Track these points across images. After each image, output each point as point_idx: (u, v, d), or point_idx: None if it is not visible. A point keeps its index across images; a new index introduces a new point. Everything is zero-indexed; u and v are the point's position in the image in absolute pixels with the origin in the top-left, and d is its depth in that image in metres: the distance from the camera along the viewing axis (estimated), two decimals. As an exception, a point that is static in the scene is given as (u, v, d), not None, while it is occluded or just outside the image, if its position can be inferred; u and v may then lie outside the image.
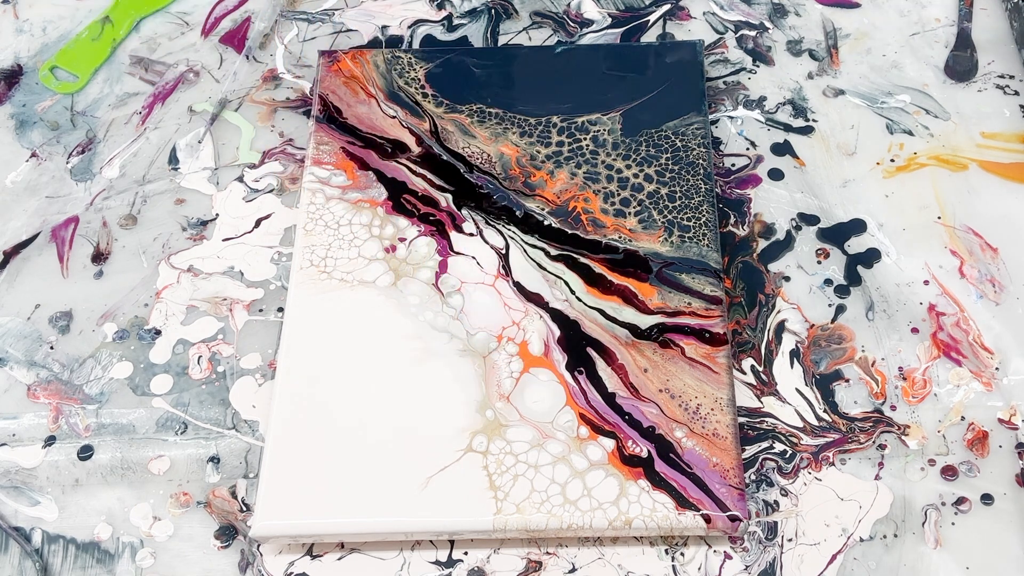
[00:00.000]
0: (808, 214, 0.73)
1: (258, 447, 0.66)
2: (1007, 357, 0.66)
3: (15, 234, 0.76)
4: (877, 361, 0.67)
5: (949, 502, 0.62)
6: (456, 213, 0.72)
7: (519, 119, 0.76)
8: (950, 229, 0.72)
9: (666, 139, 0.74)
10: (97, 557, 0.63)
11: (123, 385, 0.69)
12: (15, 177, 0.80)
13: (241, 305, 0.72)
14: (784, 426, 0.65)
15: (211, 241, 0.75)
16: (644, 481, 0.61)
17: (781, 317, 0.69)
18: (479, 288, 0.69)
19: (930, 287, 0.69)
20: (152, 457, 0.66)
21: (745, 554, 0.61)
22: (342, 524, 0.61)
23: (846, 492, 0.62)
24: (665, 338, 0.66)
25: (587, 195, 0.72)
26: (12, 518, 0.65)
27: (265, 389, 0.68)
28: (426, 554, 0.62)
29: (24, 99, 0.84)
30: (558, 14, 0.85)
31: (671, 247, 0.69)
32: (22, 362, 0.71)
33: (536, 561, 0.61)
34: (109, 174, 0.79)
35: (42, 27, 0.88)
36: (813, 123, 0.77)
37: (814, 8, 0.84)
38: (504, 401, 0.63)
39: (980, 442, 0.64)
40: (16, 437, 0.68)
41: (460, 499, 0.60)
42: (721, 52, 0.82)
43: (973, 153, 0.75)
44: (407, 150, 0.75)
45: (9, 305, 0.73)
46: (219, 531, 0.63)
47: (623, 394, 0.64)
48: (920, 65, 0.80)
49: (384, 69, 0.79)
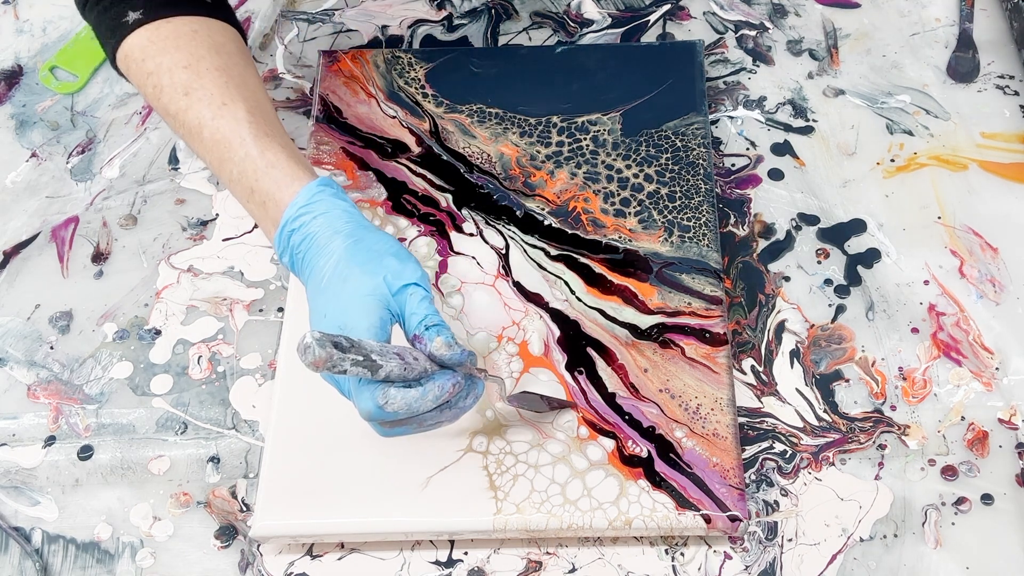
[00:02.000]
0: (808, 214, 0.73)
1: (258, 447, 0.66)
2: (1007, 357, 0.66)
3: (15, 234, 0.76)
4: (877, 361, 0.67)
5: (949, 502, 0.62)
6: (456, 213, 0.72)
7: (519, 119, 0.76)
8: (950, 229, 0.72)
9: (666, 139, 0.74)
10: (97, 557, 0.63)
11: (123, 385, 0.69)
12: (15, 177, 0.80)
13: (241, 305, 0.72)
14: (784, 426, 0.65)
15: (211, 241, 0.75)
16: (644, 481, 0.61)
17: (781, 317, 0.69)
18: (479, 288, 0.69)
19: (930, 287, 0.69)
20: (152, 457, 0.66)
21: (745, 554, 0.61)
22: (342, 524, 0.61)
23: (846, 492, 0.62)
24: (665, 338, 0.66)
25: (587, 195, 0.72)
26: (12, 518, 0.65)
27: (265, 389, 0.68)
28: (426, 554, 0.62)
29: (24, 99, 0.84)
30: (558, 14, 0.85)
31: (671, 247, 0.69)
32: (22, 362, 0.71)
33: (536, 561, 0.61)
34: (109, 174, 0.79)
35: (42, 27, 0.88)
36: (813, 123, 0.77)
37: (814, 8, 0.84)
38: (504, 401, 0.63)
39: (980, 442, 0.64)
40: (16, 437, 0.68)
41: (460, 499, 0.60)
42: (721, 52, 0.82)
43: (973, 153, 0.75)
44: (407, 150, 0.75)
45: (9, 305, 0.73)
46: (219, 531, 0.63)
47: (623, 394, 0.64)
48: (920, 65, 0.80)
49: (384, 69, 0.79)
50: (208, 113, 0.62)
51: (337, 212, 0.59)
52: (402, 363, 0.52)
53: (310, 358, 0.48)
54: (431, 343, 0.54)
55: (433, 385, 0.53)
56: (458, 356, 0.54)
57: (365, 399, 0.53)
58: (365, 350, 0.50)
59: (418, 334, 0.55)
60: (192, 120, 0.63)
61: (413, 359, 0.53)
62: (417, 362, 0.53)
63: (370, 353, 0.50)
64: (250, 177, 0.61)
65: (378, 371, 0.51)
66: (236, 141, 0.62)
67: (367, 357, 0.50)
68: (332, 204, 0.59)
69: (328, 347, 0.49)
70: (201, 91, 0.63)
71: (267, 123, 0.63)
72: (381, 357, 0.51)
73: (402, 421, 0.54)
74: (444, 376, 0.54)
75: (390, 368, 0.51)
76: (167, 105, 0.64)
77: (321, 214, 0.59)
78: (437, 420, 0.55)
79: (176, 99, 0.63)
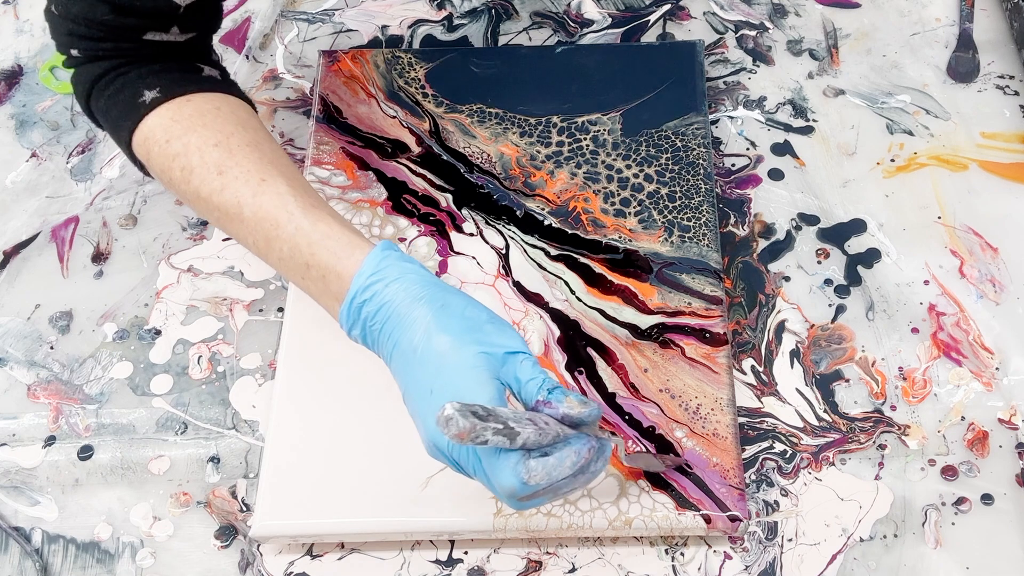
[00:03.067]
0: (808, 214, 0.73)
1: (258, 447, 0.66)
2: (1007, 357, 0.66)
3: (15, 234, 0.76)
4: (877, 361, 0.67)
5: (949, 502, 0.62)
6: (456, 213, 0.72)
7: (519, 119, 0.76)
8: (950, 229, 0.72)
9: (666, 139, 0.74)
10: (97, 557, 0.63)
11: (123, 385, 0.69)
12: (15, 177, 0.80)
13: (241, 305, 0.72)
14: (784, 426, 0.65)
15: (211, 241, 0.75)
16: (644, 481, 0.61)
17: (781, 317, 0.69)
18: (479, 288, 0.69)
19: (930, 287, 0.69)
20: (152, 457, 0.66)
21: (745, 554, 0.61)
22: (342, 524, 0.61)
23: (846, 492, 0.62)
24: (665, 338, 0.66)
25: (587, 195, 0.72)
26: (12, 518, 0.65)
27: (265, 389, 0.68)
28: (426, 554, 0.62)
29: (24, 99, 0.84)
30: (558, 14, 0.85)
31: (671, 247, 0.69)
32: (22, 362, 0.71)
33: (536, 561, 0.61)
34: (109, 174, 0.79)
35: (42, 27, 0.88)
36: (813, 123, 0.77)
37: (814, 8, 0.84)
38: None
39: (980, 442, 0.64)
40: (16, 437, 0.68)
41: (460, 499, 0.60)
42: (721, 52, 0.82)
43: (973, 153, 0.75)
44: (407, 150, 0.75)
45: (9, 305, 0.73)
46: (219, 531, 0.63)
47: (623, 394, 0.64)
48: (920, 65, 0.80)
49: (384, 69, 0.79)
50: (247, 191, 0.58)
51: (412, 277, 0.55)
52: (536, 428, 0.49)
53: (454, 430, 0.46)
54: (562, 403, 0.51)
55: (570, 451, 0.50)
56: (595, 412, 0.52)
57: (507, 475, 0.49)
58: (502, 418, 0.48)
59: (542, 398, 0.51)
60: (229, 200, 0.59)
61: (544, 424, 0.50)
62: (548, 427, 0.50)
63: (507, 420, 0.48)
64: (304, 252, 0.57)
65: (516, 439, 0.48)
66: (283, 217, 0.57)
67: (506, 425, 0.48)
68: (403, 269, 0.55)
69: (470, 417, 0.46)
70: (236, 169, 0.59)
71: (310, 195, 0.60)
72: (517, 424, 0.49)
73: (539, 492, 0.51)
74: (579, 440, 0.51)
75: (527, 435, 0.49)
76: (198, 188, 0.60)
77: (393, 280, 0.55)
78: (571, 487, 0.52)
79: (209, 180, 0.59)
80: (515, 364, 0.52)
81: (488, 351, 0.52)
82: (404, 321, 0.54)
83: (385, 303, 0.54)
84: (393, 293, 0.54)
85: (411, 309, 0.54)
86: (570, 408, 0.51)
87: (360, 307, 0.55)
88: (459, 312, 0.54)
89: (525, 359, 0.53)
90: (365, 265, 0.55)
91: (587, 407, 0.51)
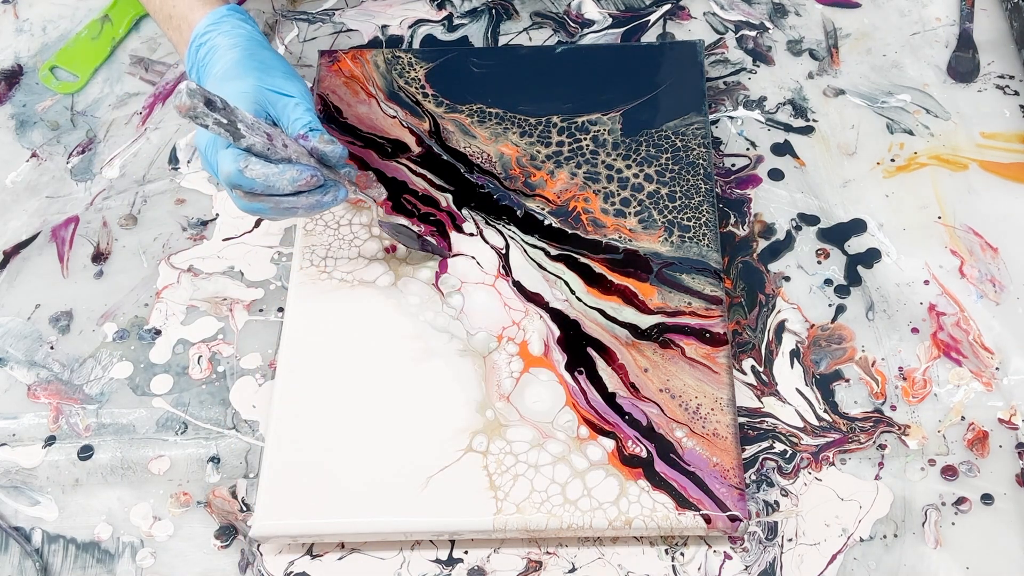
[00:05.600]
0: (808, 214, 0.73)
1: (258, 447, 0.66)
2: (1007, 357, 0.66)
3: (15, 234, 0.76)
4: (877, 361, 0.67)
5: (949, 502, 0.62)
6: (456, 213, 0.72)
7: (519, 119, 0.76)
8: (950, 229, 0.72)
9: (666, 139, 0.74)
10: (97, 557, 0.63)
11: (123, 385, 0.69)
12: (15, 177, 0.79)
13: (241, 305, 0.72)
14: (784, 426, 0.65)
15: (211, 241, 0.75)
16: (644, 481, 0.61)
17: (781, 317, 0.69)
18: (479, 288, 0.69)
19: (930, 287, 0.69)
20: (152, 457, 0.66)
21: (745, 554, 0.61)
22: (342, 524, 0.61)
23: (846, 492, 0.62)
24: (665, 338, 0.66)
25: (587, 195, 0.72)
26: (12, 518, 0.65)
27: (265, 389, 0.68)
28: (426, 553, 0.62)
29: (24, 99, 0.84)
30: (558, 14, 0.85)
31: (671, 247, 0.69)
32: (22, 362, 0.71)
33: (536, 561, 0.61)
34: (109, 174, 0.79)
35: (42, 27, 0.88)
36: (813, 123, 0.77)
37: (814, 8, 0.84)
38: (504, 401, 0.63)
39: (980, 442, 0.64)
40: (16, 437, 0.68)
41: (460, 499, 0.60)
42: (721, 52, 0.82)
43: (973, 153, 0.75)
44: (407, 150, 0.75)
45: (9, 305, 0.73)
46: (219, 531, 0.63)
47: (623, 394, 0.64)
48: (920, 65, 0.80)
49: (384, 69, 0.79)
50: None
51: (242, 32, 0.66)
52: (268, 142, 0.57)
53: (176, 102, 0.53)
54: (314, 139, 0.60)
55: (292, 169, 0.59)
56: (340, 150, 0.61)
57: (228, 161, 0.58)
58: (234, 116, 0.55)
59: (303, 133, 0.60)
60: None
61: (282, 146, 0.58)
62: (286, 149, 0.58)
63: (237, 121, 0.55)
64: (168, 4, 0.70)
65: (240, 139, 0.56)
66: None
67: (232, 123, 0.55)
68: (237, 26, 0.67)
69: (198, 98, 0.53)
70: None
71: None
72: (248, 129, 0.56)
73: (260, 197, 0.60)
74: (308, 168, 0.59)
75: (253, 141, 0.56)
76: None
77: (225, 32, 0.67)
78: (294, 205, 0.60)
79: None
80: (288, 105, 0.62)
81: (266, 87, 0.62)
82: (219, 59, 0.65)
83: (214, 47, 0.66)
84: (221, 40, 0.66)
85: (227, 52, 0.65)
86: (319, 143, 0.60)
87: (197, 49, 0.67)
88: (261, 59, 0.65)
89: (299, 104, 0.62)
90: (208, 17, 0.68)
91: (333, 145, 0.61)
